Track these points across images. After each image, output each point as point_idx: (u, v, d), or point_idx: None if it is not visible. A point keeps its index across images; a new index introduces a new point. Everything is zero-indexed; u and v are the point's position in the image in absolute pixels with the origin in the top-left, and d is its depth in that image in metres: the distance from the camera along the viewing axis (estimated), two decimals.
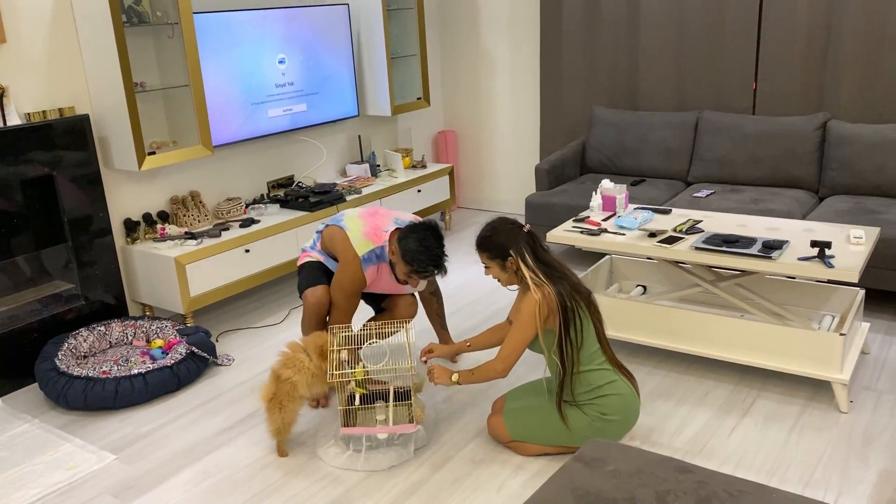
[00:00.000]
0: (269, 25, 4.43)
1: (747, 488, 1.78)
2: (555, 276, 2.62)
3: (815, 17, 4.41)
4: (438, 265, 2.93)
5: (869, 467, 2.61)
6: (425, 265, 2.91)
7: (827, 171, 4.29)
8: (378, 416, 2.79)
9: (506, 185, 5.98)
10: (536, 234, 2.72)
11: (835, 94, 4.42)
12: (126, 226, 3.99)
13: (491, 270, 2.72)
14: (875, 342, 3.50)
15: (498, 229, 2.69)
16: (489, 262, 2.70)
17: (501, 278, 2.71)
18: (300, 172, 4.98)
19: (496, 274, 2.72)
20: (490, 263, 2.70)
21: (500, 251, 2.66)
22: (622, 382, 2.68)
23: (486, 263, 2.72)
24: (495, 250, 2.67)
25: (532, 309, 2.58)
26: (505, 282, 2.72)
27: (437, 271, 2.95)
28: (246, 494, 2.66)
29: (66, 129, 3.58)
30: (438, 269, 2.94)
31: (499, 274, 2.71)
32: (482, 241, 2.71)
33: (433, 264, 2.92)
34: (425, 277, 3.01)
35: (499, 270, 2.69)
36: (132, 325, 3.76)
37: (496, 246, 2.67)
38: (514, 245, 2.64)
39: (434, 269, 2.93)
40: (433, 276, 3.01)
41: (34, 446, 3.03)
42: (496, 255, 2.67)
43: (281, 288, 4.64)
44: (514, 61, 5.65)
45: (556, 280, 2.61)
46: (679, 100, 4.95)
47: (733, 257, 3.05)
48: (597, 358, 2.66)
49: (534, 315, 2.58)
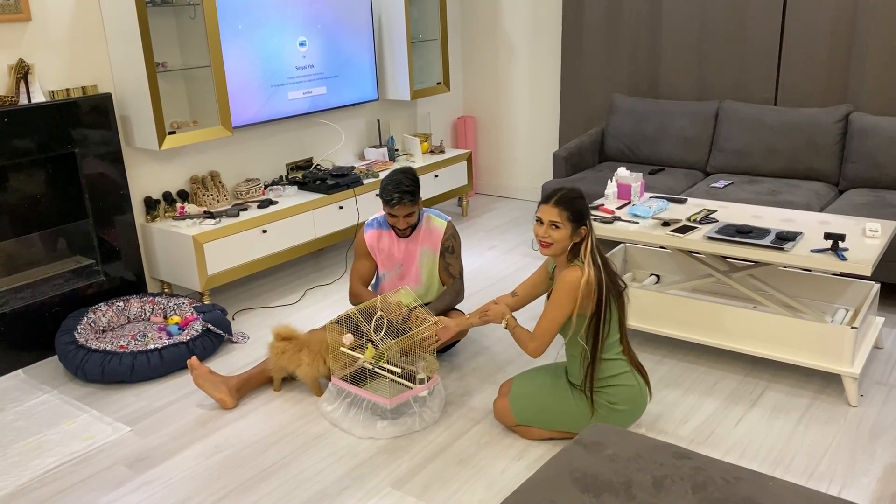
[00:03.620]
0: (291, 8, 4.46)
1: (744, 475, 1.80)
2: (604, 263, 2.63)
3: (841, 8, 4.34)
4: (396, 188, 3.13)
5: (875, 461, 2.61)
6: (389, 192, 3.14)
7: (847, 163, 4.24)
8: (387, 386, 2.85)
9: (524, 172, 5.98)
10: None
11: (858, 85, 4.36)
12: (146, 204, 4.06)
13: (559, 231, 2.60)
14: (889, 337, 3.47)
15: (582, 197, 2.65)
16: (564, 222, 2.60)
17: (562, 241, 2.61)
18: (319, 155, 5.02)
19: (561, 236, 2.61)
20: (564, 223, 2.60)
21: (580, 217, 2.61)
22: (633, 375, 2.69)
23: (558, 221, 2.60)
24: (578, 213, 2.61)
25: (575, 284, 2.56)
26: (558, 247, 2.62)
27: (398, 195, 3.13)
28: (255, 469, 2.72)
29: (88, 108, 3.64)
30: (397, 192, 3.13)
31: (564, 237, 2.61)
32: (567, 200, 2.61)
33: (395, 189, 3.13)
34: (390, 205, 3.17)
35: (568, 233, 2.60)
36: (150, 301, 3.84)
37: (578, 210, 2.61)
38: (589, 216, 2.65)
39: (396, 195, 3.13)
40: (397, 203, 3.15)
41: (52, 416, 3.11)
42: (576, 217, 2.61)
43: (297, 269, 4.70)
44: (535, 47, 5.63)
45: (604, 267, 2.61)
46: (700, 89, 4.91)
47: (746, 248, 3.04)
48: (614, 348, 2.67)
49: (575, 290, 2.56)
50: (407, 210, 3.20)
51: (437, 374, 2.96)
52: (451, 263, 3.35)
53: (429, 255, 3.32)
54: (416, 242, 3.32)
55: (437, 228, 3.32)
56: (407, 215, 3.22)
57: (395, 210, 3.19)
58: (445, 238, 3.32)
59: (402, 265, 3.35)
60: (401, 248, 3.33)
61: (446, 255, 3.34)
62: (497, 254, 4.80)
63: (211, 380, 3.11)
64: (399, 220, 3.24)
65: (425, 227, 3.33)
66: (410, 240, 3.32)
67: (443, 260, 3.34)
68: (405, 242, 3.32)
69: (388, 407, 2.86)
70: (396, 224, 3.26)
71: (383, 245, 3.36)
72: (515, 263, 4.61)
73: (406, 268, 3.35)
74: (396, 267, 3.36)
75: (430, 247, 3.32)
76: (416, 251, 3.32)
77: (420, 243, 3.32)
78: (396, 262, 3.35)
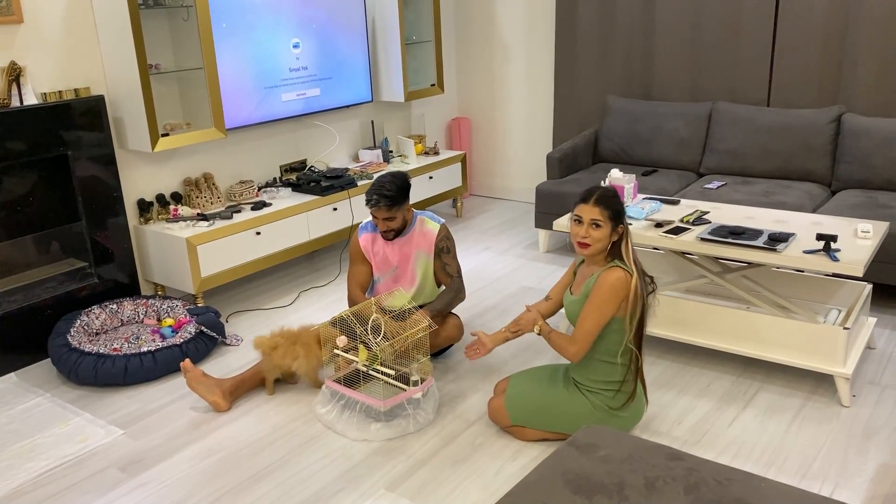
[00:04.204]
0: (284, 9, 4.46)
1: (736, 476, 1.80)
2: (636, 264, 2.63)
3: (834, 10, 4.36)
4: (377, 191, 3.14)
5: (868, 461, 2.62)
6: (370, 193, 3.16)
7: (840, 164, 4.26)
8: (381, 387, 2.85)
9: (519, 173, 5.98)
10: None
11: (851, 87, 4.38)
12: (139, 206, 4.05)
13: (600, 229, 2.60)
14: (882, 337, 3.48)
15: (618, 196, 2.65)
16: (605, 220, 2.59)
17: (602, 240, 2.61)
18: (313, 157, 5.02)
19: (602, 235, 2.60)
20: (605, 222, 2.60)
21: (619, 216, 2.62)
22: (637, 385, 2.71)
23: (599, 220, 2.59)
24: (617, 212, 2.62)
25: (618, 286, 2.55)
26: (597, 247, 2.62)
27: (376, 197, 3.14)
28: (249, 471, 2.71)
29: (81, 110, 3.63)
30: (376, 194, 3.14)
31: (604, 236, 2.61)
32: (608, 198, 2.62)
33: (375, 191, 3.15)
34: (371, 206, 3.17)
35: (607, 231, 2.61)
36: (144, 303, 3.83)
37: (618, 209, 2.62)
38: (626, 215, 2.66)
39: (374, 197, 3.14)
40: (374, 205, 3.16)
41: (45, 419, 3.10)
42: (615, 216, 2.61)
43: (291, 271, 4.69)
44: (529, 49, 5.64)
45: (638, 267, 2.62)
46: (693, 90, 4.93)
47: (738, 249, 3.05)
48: (627, 354, 2.67)
49: (619, 292, 2.56)
50: (384, 214, 3.18)
51: (431, 375, 2.96)
52: (448, 263, 3.35)
53: (423, 257, 3.32)
54: (411, 245, 3.32)
55: (431, 231, 3.32)
56: (386, 219, 3.20)
57: (374, 212, 3.20)
58: (439, 240, 3.32)
59: (397, 268, 3.35)
60: (395, 251, 3.33)
61: (442, 256, 3.33)
62: (492, 255, 4.80)
63: (204, 382, 3.11)
64: (379, 222, 3.23)
65: (419, 231, 3.32)
66: (405, 243, 3.32)
67: (439, 261, 3.34)
68: (399, 245, 3.32)
69: (383, 409, 2.86)
70: (377, 225, 3.26)
71: (378, 248, 3.36)
72: (510, 264, 4.62)
73: (401, 270, 3.35)
74: (391, 270, 3.36)
75: (425, 249, 3.32)
76: (411, 254, 3.32)
77: (415, 246, 3.32)
78: (391, 265, 3.35)
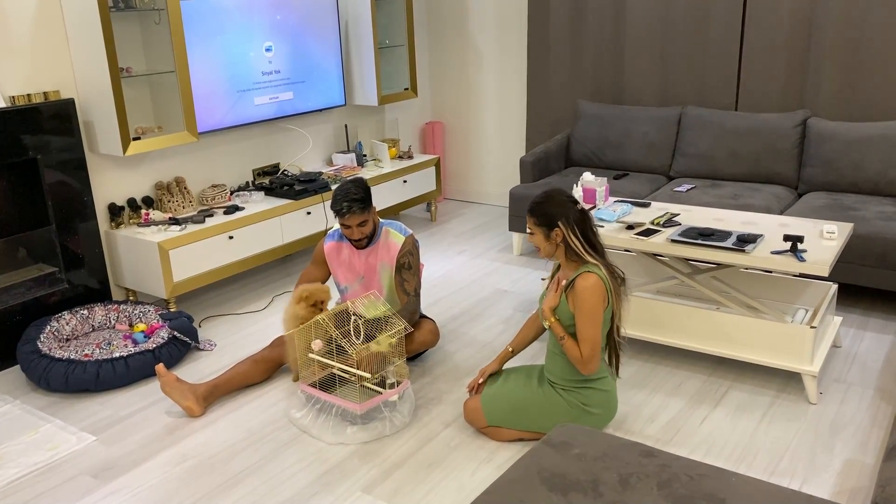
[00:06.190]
0: (257, 13, 4.45)
1: (708, 472, 1.84)
2: (600, 257, 2.63)
3: (798, 16, 4.46)
4: (345, 197, 3.12)
5: (834, 457, 2.68)
6: (339, 202, 3.13)
7: (806, 167, 4.35)
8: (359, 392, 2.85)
9: (492, 177, 6.02)
10: (590, 216, 2.70)
11: (815, 91, 4.48)
12: (110, 210, 4.01)
13: (534, 238, 2.67)
14: (847, 336, 3.56)
15: (552, 199, 2.66)
16: (534, 229, 2.66)
17: (542, 247, 2.67)
18: (286, 160, 5.01)
19: (538, 242, 2.67)
20: (535, 230, 2.66)
21: (547, 220, 2.63)
22: (611, 380, 2.74)
23: (531, 229, 2.67)
24: (543, 217, 2.64)
25: (594, 290, 2.56)
26: (544, 252, 2.68)
27: (347, 204, 3.12)
28: (223, 476, 2.70)
29: (51, 113, 3.59)
30: (346, 201, 3.12)
31: (541, 242, 2.67)
32: (534, 206, 2.66)
33: (344, 199, 3.12)
34: (342, 216, 3.15)
35: (542, 239, 2.66)
36: (115, 308, 3.79)
37: (545, 214, 2.64)
38: (563, 217, 2.62)
39: (346, 204, 3.12)
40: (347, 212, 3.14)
41: (15, 427, 3.05)
42: (543, 222, 2.64)
43: (265, 275, 4.67)
44: (502, 54, 5.68)
45: (602, 261, 2.62)
46: (663, 95, 5.00)
47: (708, 250, 3.11)
48: (603, 350, 2.69)
49: (596, 293, 2.57)
50: (359, 219, 3.15)
51: (407, 378, 2.97)
52: (407, 280, 3.28)
53: (388, 269, 3.30)
54: (376, 256, 3.29)
55: (395, 244, 3.27)
56: (360, 224, 3.17)
57: (347, 220, 3.15)
58: (402, 254, 3.26)
59: (364, 277, 3.34)
60: (361, 261, 3.32)
61: (402, 271, 3.27)
62: (466, 258, 4.82)
63: (178, 387, 3.08)
64: (353, 230, 3.18)
65: (383, 242, 3.29)
66: (370, 253, 3.29)
67: (398, 276, 3.28)
68: (365, 255, 3.30)
69: (359, 412, 2.86)
70: (351, 235, 3.21)
71: (343, 258, 3.34)
72: (484, 268, 4.64)
73: (368, 280, 3.33)
74: (358, 279, 3.34)
75: (388, 262, 3.29)
76: (376, 265, 3.30)
77: (379, 257, 3.29)
78: (358, 274, 3.34)
